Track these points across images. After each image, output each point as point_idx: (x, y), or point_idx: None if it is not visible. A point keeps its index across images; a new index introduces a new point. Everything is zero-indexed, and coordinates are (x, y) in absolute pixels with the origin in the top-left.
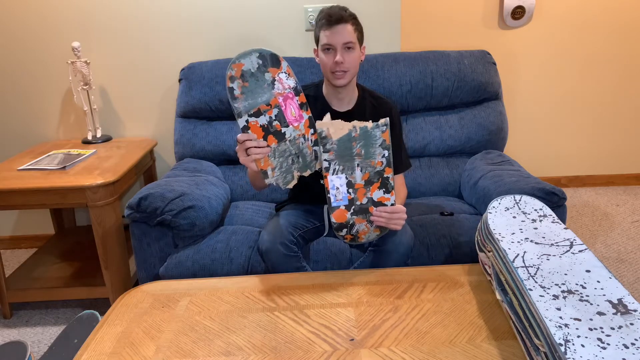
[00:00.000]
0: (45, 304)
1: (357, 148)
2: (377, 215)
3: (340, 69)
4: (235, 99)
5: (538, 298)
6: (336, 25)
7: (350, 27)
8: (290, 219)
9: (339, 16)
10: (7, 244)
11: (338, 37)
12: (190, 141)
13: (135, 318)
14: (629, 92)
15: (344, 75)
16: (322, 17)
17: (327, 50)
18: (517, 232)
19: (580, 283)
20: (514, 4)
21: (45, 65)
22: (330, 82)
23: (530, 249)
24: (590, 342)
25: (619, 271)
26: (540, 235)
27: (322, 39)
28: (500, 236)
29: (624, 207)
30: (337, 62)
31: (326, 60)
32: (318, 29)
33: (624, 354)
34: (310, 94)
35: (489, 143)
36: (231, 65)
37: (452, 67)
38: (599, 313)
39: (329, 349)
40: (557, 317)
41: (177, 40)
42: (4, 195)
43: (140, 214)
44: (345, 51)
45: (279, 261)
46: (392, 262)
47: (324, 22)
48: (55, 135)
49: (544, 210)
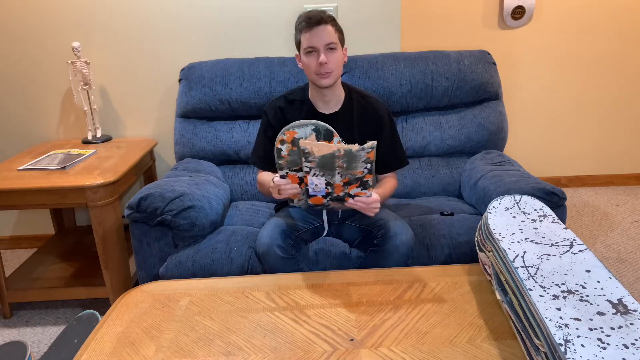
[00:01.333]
0: (45, 304)
1: (339, 163)
2: (352, 203)
3: (325, 70)
4: (281, 158)
5: (538, 298)
6: (317, 27)
7: (330, 28)
8: (289, 220)
9: (318, 18)
10: (7, 244)
11: (320, 38)
12: (190, 141)
13: (135, 318)
14: (629, 92)
15: (329, 75)
16: (301, 20)
17: (309, 53)
18: (517, 232)
19: (580, 283)
20: (514, 4)
21: (45, 65)
22: (315, 84)
23: (530, 249)
24: (590, 342)
25: (619, 271)
26: (540, 235)
27: (304, 42)
28: (500, 236)
29: (624, 207)
30: (321, 62)
31: (309, 63)
32: (298, 33)
33: (624, 354)
34: (297, 99)
35: (489, 143)
36: (284, 131)
37: (452, 67)
38: (599, 313)
39: (329, 349)
40: (557, 317)
41: (177, 40)
42: (4, 195)
43: (140, 214)
44: (328, 52)
45: (276, 264)
46: (393, 262)
47: (304, 25)
48: (55, 135)
49: (544, 210)
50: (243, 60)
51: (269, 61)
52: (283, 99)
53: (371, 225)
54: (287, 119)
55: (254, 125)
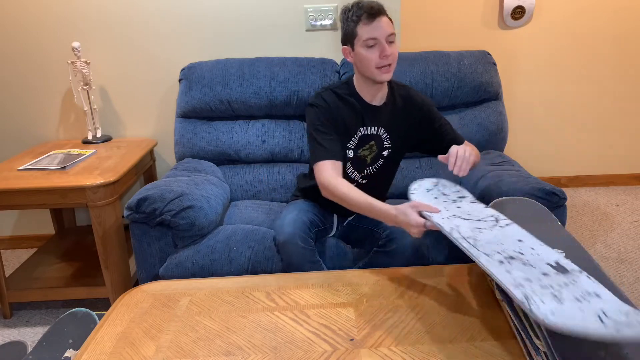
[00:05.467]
0: (45, 304)
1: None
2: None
3: (388, 62)
4: None
5: (487, 261)
6: (378, 18)
7: (388, 20)
8: (309, 214)
9: (378, 8)
10: (7, 244)
11: (382, 30)
12: (190, 141)
13: (135, 318)
14: (629, 92)
15: (389, 68)
16: (359, 11)
17: (370, 46)
18: (443, 211)
19: (517, 250)
20: (514, 4)
21: (45, 65)
22: (373, 79)
23: (462, 224)
24: (547, 298)
25: (619, 271)
26: (465, 212)
27: (364, 34)
28: (428, 214)
29: (624, 207)
30: (387, 55)
31: (371, 56)
32: (354, 24)
33: (579, 305)
34: (345, 93)
35: (489, 143)
36: None
37: (452, 68)
38: (544, 274)
39: (329, 348)
40: (510, 278)
41: (177, 40)
42: (4, 195)
43: (140, 214)
44: (389, 44)
45: (296, 253)
46: (398, 264)
47: (364, 16)
48: (55, 135)
49: (462, 192)
50: (243, 60)
51: (269, 61)
52: (330, 92)
53: (376, 226)
54: (335, 114)
55: (254, 125)
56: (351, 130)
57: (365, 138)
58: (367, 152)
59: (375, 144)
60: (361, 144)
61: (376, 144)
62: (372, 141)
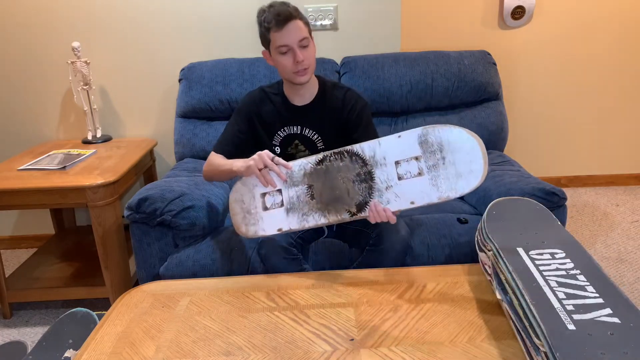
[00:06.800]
0: (45, 304)
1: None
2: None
3: (302, 67)
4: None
5: None
6: (287, 24)
7: (300, 23)
8: None
9: (287, 13)
10: (7, 244)
11: (292, 36)
12: (190, 141)
13: (135, 318)
14: (629, 92)
15: (306, 72)
16: (268, 17)
17: (283, 53)
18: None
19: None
20: (514, 4)
21: (45, 65)
22: (292, 82)
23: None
24: None
25: (619, 271)
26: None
27: (276, 41)
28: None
29: (624, 207)
30: (299, 61)
31: (285, 62)
32: (265, 31)
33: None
34: (272, 92)
35: (489, 143)
36: None
37: (452, 68)
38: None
39: (329, 349)
40: None
41: (177, 40)
42: (4, 195)
43: (140, 215)
44: (302, 49)
45: (280, 265)
46: (391, 260)
47: (273, 23)
48: (55, 135)
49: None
50: (243, 60)
51: None
52: (260, 90)
53: (364, 226)
54: (261, 111)
55: None
56: (273, 128)
57: (290, 137)
58: (295, 151)
59: (302, 143)
60: (287, 143)
61: (303, 143)
62: (296, 140)
